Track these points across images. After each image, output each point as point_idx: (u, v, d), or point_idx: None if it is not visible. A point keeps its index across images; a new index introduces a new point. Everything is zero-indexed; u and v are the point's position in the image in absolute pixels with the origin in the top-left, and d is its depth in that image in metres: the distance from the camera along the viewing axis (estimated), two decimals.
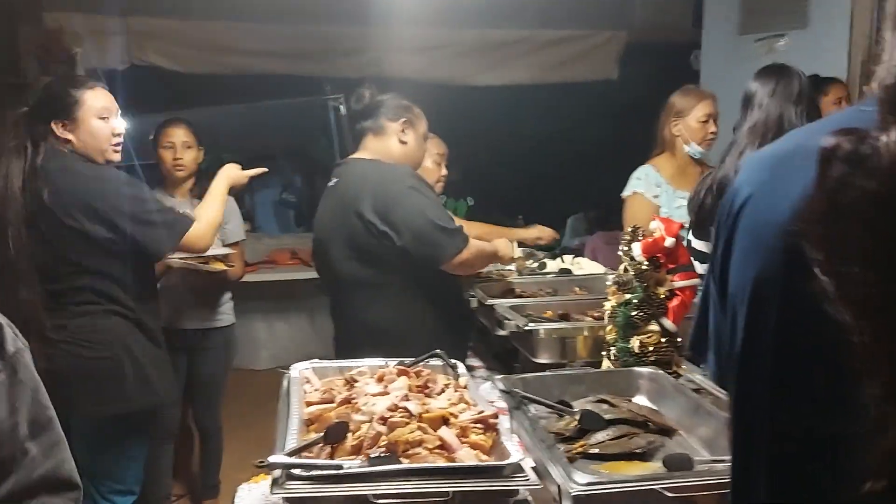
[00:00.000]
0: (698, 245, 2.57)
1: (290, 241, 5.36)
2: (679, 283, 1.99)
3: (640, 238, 1.99)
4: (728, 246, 0.92)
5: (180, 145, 3.15)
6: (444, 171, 3.06)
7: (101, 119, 2.32)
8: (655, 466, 1.49)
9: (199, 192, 3.21)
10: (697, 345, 1.07)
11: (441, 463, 1.29)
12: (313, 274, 4.82)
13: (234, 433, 3.48)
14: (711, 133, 2.97)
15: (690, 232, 2.63)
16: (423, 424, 1.39)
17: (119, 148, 2.38)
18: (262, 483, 1.86)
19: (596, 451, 1.54)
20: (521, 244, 3.13)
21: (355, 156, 2.53)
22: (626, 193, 3.03)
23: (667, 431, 1.65)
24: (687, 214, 2.66)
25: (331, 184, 2.54)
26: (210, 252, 3.00)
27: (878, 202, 0.60)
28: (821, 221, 0.66)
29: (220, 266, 3.07)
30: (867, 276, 0.61)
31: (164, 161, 3.17)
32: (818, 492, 0.81)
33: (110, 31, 4.49)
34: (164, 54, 4.74)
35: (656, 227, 2.02)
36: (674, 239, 1.98)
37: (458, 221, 2.60)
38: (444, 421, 1.41)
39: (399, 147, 2.49)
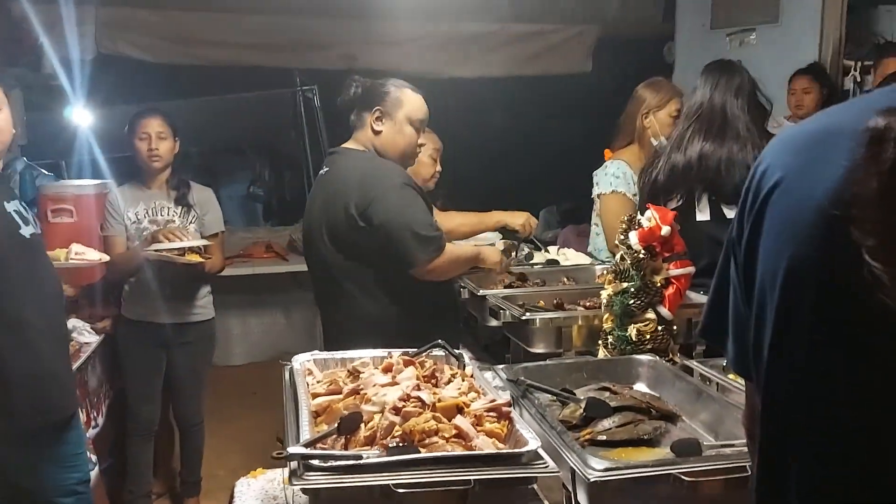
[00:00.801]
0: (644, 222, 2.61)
1: (264, 235, 5.29)
2: (675, 271, 2.01)
3: (636, 228, 2.00)
4: (755, 232, 0.88)
5: (155, 136, 3.09)
6: (438, 168, 3.02)
7: None
8: (664, 452, 1.51)
9: (175, 184, 3.17)
10: (712, 331, 1.02)
11: (460, 451, 1.28)
12: (288, 267, 4.83)
13: (211, 429, 3.42)
14: None
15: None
16: (437, 414, 1.38)
17: None
18: (261, 477, 1.84)
19: (603, 437, 1.56)
20: (504, 235, 3.13)
21: (347, 145, 2.49)
22: (604, 191, 2.96)
23: (670, 417, 1.66)
24: None
25: (322, 172, 2.52)
26: (186, 244, 2.97)
27: None
28: (874, 205, 0.64)
29: (196, 258, 3.00)
30: None
31: (140, 152, 3.11)
32: (855, 487, 0.78)
33: (79, 20, 4.36)
34: (135, 44, 4.64)
35: (650, 216, 2.03)
36: (669, 227, 2.00)
37: (438, 216, 2.57)
38: (459, 410, 1.40)
39: (374, 137, 2.43)
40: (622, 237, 2.02)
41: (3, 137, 2.10)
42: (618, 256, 2.04)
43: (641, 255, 1.99)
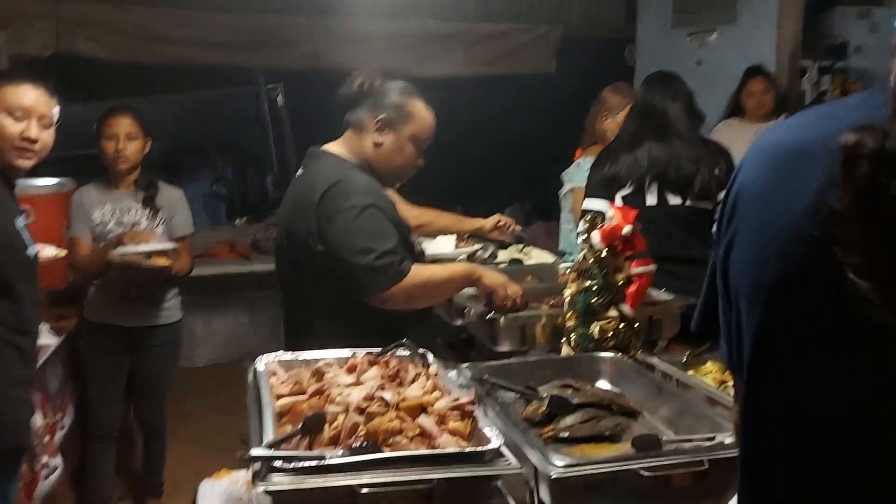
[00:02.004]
0: (590, 204, 2.76)
1: (227, 234, 5.23)
2: (636, 269, 2.04)
3: (598, 226, 2.03)
4: (731, 243, 0.88)
5: (124, 137, 2.99)
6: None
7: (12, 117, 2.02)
8: (624, 447, 1.53)
9: (144, 184, 3.09)
10: (705, 326, 1.01)
11: (423, 450, 1.29)
12: (251, 267, 4.78)
13: (174, 430, 3.38)
14: None
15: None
16: (400, 413, 1.38)
17: (27, 154, 2.04)
18: (225, 479, 1.83)
19: (566, 434, 1.58)
20: (474, 236, 3.15)
21: (329, 148, 2.29)
22: (578, 185, 3.09)
23: (631, 413, 1.69)
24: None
25: (297, 174, 2.36)
26: (152, 246, 2.90)
27: None
28: (855, 224, 0.63)
29: (162, 262, 2.94)
30: None
31: (106, 153, 3.01)
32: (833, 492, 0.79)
33: (38, 15, 4.27)
34: (95, 41, 4.55)
35: (612, 215, 2.06)
36: (631, 227, 2.03)
37: (417, 212, 2.45)
38: (422, 409, 1.41)
39: (372, 149, 2.20)
40: (584, 236, 2.05)
41: (44, 153, 2.12)
42: (580, 255, 2.07)
43: (604, 254, 2.02)
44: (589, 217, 2.07)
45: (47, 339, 2.89)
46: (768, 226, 0.82)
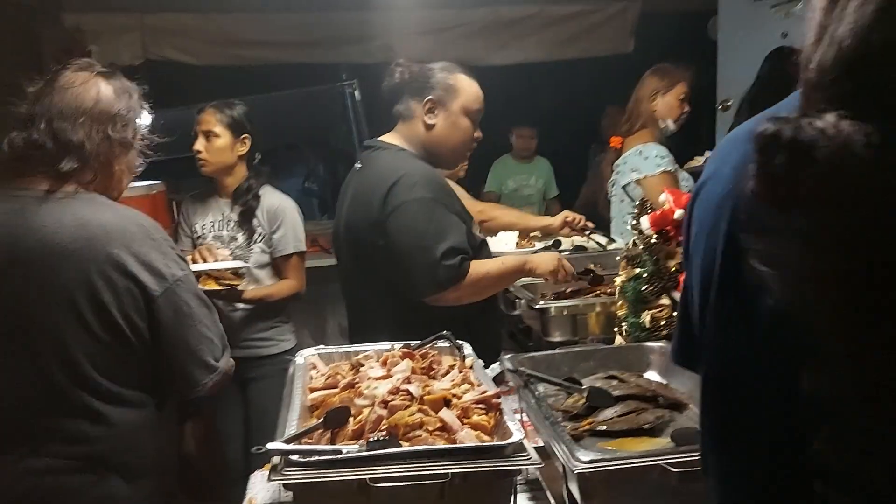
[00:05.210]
0: None
1: (310, 229, 5.36)
2: None
3: (648, 211, 1.95)
4: (687, 232, 0.90)
5: (203, 135, 2.79)
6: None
7: None
8: (664, 442, 1.47)
9: (241, 193, 2.82)
10: (683, 357, 0.98)
11: (440, 445, 1.28)
12: (331, 261, 4.88)
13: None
14: (686, 111, 3.10)
15: None
16: (423, 406, 1.38)
17: None
18: None
19: (603, 427, 1.53)
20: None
21: (386, 138, 2.28)
22: (650, 173, 3.00)
23: (677, 406, 1.62)
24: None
25: (355, 167, 2.37)
26: (211, 266, 2.60)
27: (825, 191, 0.57)
28: (764, 211, 0.62)
29: (227, 281, 2.65)
30: (818, 266, 0.59)
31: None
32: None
33: (126, 27, 4.52)
34: (179, 49, 4.78)
35: (665, 199, 1.98)
36: (682, 211, 1.93)
37: (482, 207, 2.36)
38: (446, 402, 1.40)
39: (425, 132, 2.19)
40: (634, 222, 1.97)
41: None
42: (630, 241, 2.00)
43: (654, 240, 1.94)
44: (638, 203, 2.00)
45: None
46: (703, 213, 0.83)
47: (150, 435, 1.63)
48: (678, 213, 1.94)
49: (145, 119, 1.75)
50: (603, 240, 3.14)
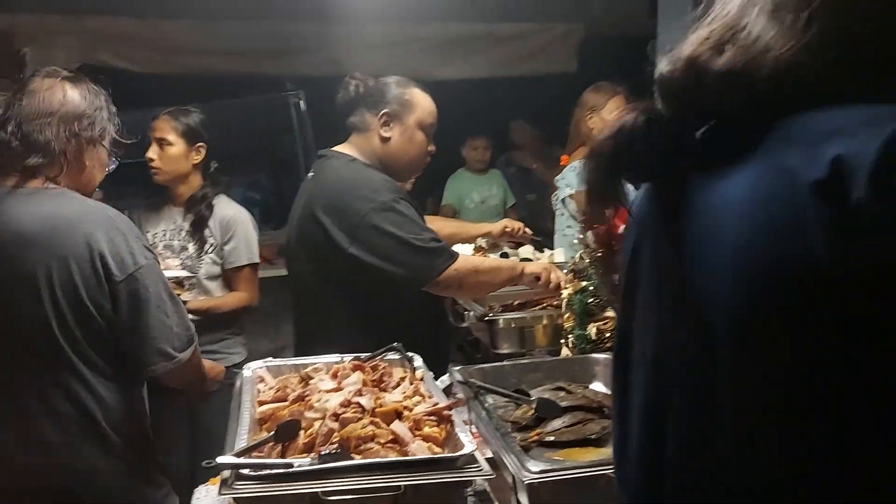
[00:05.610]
0: None
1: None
2: None
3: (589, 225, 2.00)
4: None
5: (155, 143, 2.73)
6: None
7: None
8: (610, 452, 1.50)
9: (193, 202, 2.78)
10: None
11: (392, 457, 1.28)
12: (275, 272, 4.81)
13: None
14: None
15: None
16: (375, 419, 1.38)
17: None
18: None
19: (551, 438, 1.55)
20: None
21: (340, 149, 2.31)
22: (576, 190, 3.14)
23: None
24: None
25: (308, 177, 2.38)
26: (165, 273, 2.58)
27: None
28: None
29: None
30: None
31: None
32: None
33: (61, 30, 4.38)
34: (119, 54, 4.64)
35: (608, 214, 2.02)
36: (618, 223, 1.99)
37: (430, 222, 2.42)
38: (398, 414, 1.40)
39: (381, 145, 2.23)
40: (580, 236, 2.02)
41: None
42: (577, 255, 2.04)
43: (600, 254, 1.98)
44: (585, 217, 2.04)
45: None
46: None
47: (125, 410, 1.73)
48: (622, 227, 1.99)
49: (113, 118, 1.83)
50: (529, 250, 3.19)
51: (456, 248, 3.07)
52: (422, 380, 1.64)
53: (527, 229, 3.12)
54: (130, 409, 1.74)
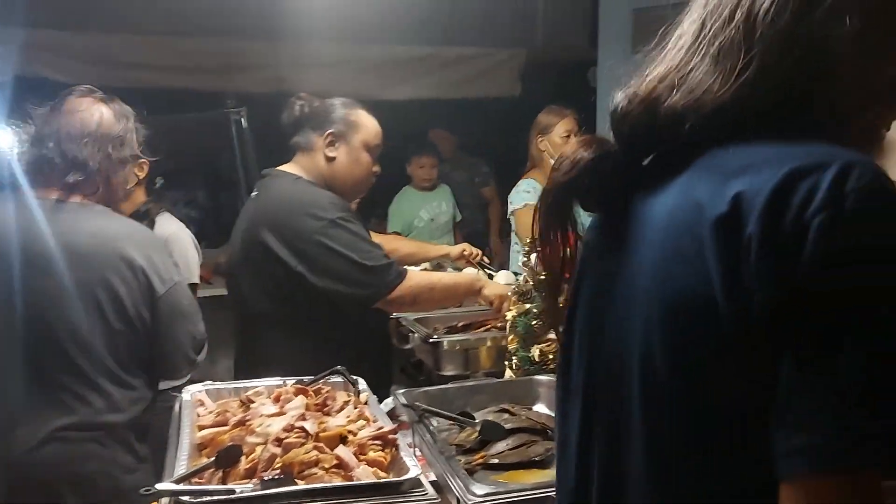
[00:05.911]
0: None
1: None
2: None
3: (537, 249, 2.02)
4: None
5: None
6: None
7: None
8: (553, 473, 1.51)
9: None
10: None
11: (337, 482, 1.27)
12: (210, 291, 4.70)
13: None
14: None
15: None
16: (319, 444, 1.36)
17: None
18: None
19: (496, 461, 1.56)
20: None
21: (284, 168, 2.31)
22: (517, 206, 3.27)
23: None
24: None
25: (252, 196, 2.37)
26: None
27: None
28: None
29: None
30: None
31: None
32: None
33: None
34: (54, 67, 4.52)
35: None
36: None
37: (381, 240, 2.42)
38: (342, 439, 1.39)
39: (326, 165, 2.24)
40: (524, 259, 2.04)
41: None
42: (521, 278, 2.06)
43: (543, 276, 2.01)
44: (529, 240, 2.07)
45: None
46: None
47: (148, 413, 1.87)
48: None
49: (140, 138, 2.01)
50: (473, 272, 3.21)
51: (411, 270, 3.08)
52: (366, 403, 1.63)
53: (485, 257, 3.13)
54: (151, 415, 1.88)
